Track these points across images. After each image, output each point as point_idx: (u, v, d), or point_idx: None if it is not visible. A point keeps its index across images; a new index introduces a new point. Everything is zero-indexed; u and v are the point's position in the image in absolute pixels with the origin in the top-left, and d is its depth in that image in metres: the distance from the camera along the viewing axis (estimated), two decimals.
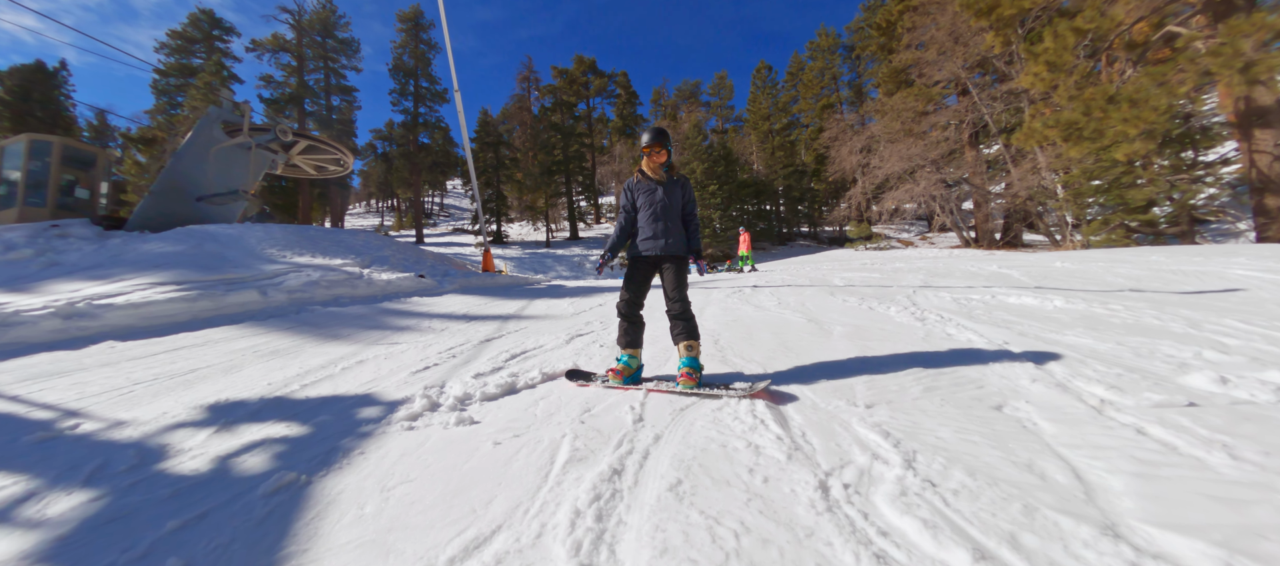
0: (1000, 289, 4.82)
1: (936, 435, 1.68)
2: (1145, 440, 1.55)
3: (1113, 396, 1.87)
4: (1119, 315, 3.28)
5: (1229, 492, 1.24)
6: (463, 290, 8.09)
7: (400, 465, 1.75)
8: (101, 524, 1.53)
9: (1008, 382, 2.11)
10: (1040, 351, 2.60)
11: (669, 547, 1.16)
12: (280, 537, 1.37)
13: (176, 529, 1.46)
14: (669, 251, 2.54)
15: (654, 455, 1.70)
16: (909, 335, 3.13)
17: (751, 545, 1.16)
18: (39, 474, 1.89)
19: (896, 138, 24.18)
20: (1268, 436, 1.52)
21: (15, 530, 1.52)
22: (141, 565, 1.30)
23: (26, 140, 10.44)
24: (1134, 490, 1.27)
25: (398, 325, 4.95)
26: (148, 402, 2.69)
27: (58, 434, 2.31)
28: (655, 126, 2.63)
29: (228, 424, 2.35)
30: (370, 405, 2.51)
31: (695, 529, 1.23)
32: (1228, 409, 1.75)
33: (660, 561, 1.12)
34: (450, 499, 1.49)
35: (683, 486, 1.46)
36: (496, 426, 2.07)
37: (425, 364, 3.36)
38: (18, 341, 3.67)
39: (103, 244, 7.63)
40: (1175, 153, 17.46)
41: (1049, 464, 1.44)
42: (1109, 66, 15.61)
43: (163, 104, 32.85)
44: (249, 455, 1.98)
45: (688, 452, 1.69)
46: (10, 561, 1.36)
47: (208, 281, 5.31)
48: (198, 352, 3.71)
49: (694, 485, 1.46)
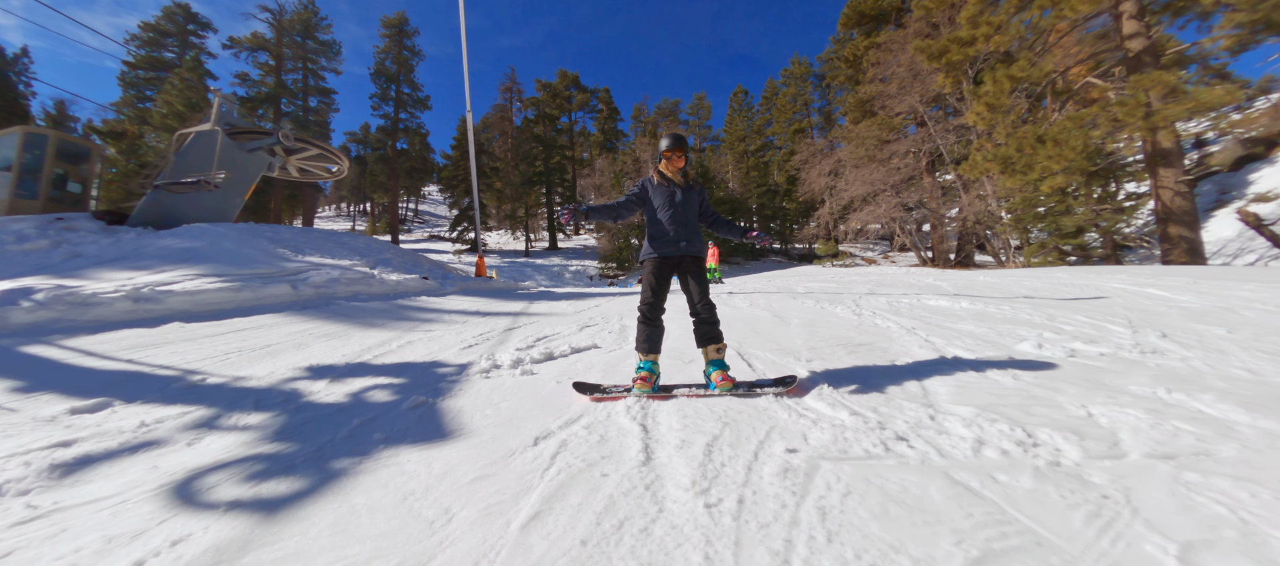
0: (927, 296, 5.91)
1: (844, 370, 2.60)
2: (966, 369, 2.51)
3: (964, 354, 2.84)
4: (1004, 311, 4.34)
5: (1003, 394, 2.18)
6: (463, 292, 8.74)
7: (495, 394, 2.55)
8: (296, 426, 2.26)
9: (902, 348, 3.08)
10: (934, 334, 3.59)
11: (687, 419, 2.01)
12: (439, 424, 2.15)
13: (358, 424, 2.22)
14: (690, 252, 2.57)
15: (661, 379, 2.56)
16: (847, 325, 4.09)
17: (734, 408, 2.02)
18: (212, 404, 2.57)
19: (861, 163, 25.97)
20: (1042, 371, 2.49)
21: (228, 432, 2.21)
22: (351, 440, 2.05)
23: (21, 131, 10.54)
24: (934, 384, 2.21)
25: (421, 318, 5.64)
26: (251, 365, 3.36)
27: (195, 384, 2.96)
28: (675, 132, 2.75)
29: (333, 378, 3.06)
30: (442, 367, 3.27)
31: (696, 411, 2.09)
32: (1030, 359, 2.73)
33: (679, 425, 1.97)
34: (541, 406, 2.30)
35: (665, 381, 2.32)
36: (551, 376, 2.89)
37: (466, 344, 4.11)
38: (98, 319, 4.23)
39: (116, 238, 7.97)
40: (1102, 186, 19.61)
41: (911, 384, 2.37)
42: (1053, 108, 17.53)
43: (130, 97, 31.94)
44: (370, 393, 2.73)
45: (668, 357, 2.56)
46: (246, 442, 2.07)
47: (245, 275, 5.87)
48: (262, 333, 4.34)
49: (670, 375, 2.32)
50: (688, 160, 2.66)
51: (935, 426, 1.85)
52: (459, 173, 39.12)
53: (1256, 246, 19.31)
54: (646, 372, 2.43)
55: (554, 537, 1.21)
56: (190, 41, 34.17)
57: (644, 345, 2.50)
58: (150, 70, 32.61)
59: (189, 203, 10.14)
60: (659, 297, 2.54)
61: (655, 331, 2.51)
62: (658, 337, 2.51)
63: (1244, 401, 2.05)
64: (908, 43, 22.32)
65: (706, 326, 2.50)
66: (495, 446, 1.86)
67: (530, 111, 42.15)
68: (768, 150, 41.14)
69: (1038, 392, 2.21)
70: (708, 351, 2.48)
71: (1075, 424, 1.85)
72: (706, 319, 2.50)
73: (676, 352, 3.35)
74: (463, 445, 1.89)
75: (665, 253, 2.57)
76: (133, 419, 2.27)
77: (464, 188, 37.20)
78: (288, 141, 11.17)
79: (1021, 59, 14.55)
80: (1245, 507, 1.28)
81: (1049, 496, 1.34)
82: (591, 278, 29.48)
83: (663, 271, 2.57)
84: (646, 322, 2.51)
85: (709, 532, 1.21)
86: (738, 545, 1.15)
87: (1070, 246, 18.09)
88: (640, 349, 2.51)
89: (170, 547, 1.26)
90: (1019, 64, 14.36)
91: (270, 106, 34.24)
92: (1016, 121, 15.04)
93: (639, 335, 2.52)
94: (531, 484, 1.52)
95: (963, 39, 16.04)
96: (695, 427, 1.93)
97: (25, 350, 3.37)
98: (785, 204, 36.98)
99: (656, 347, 2.51)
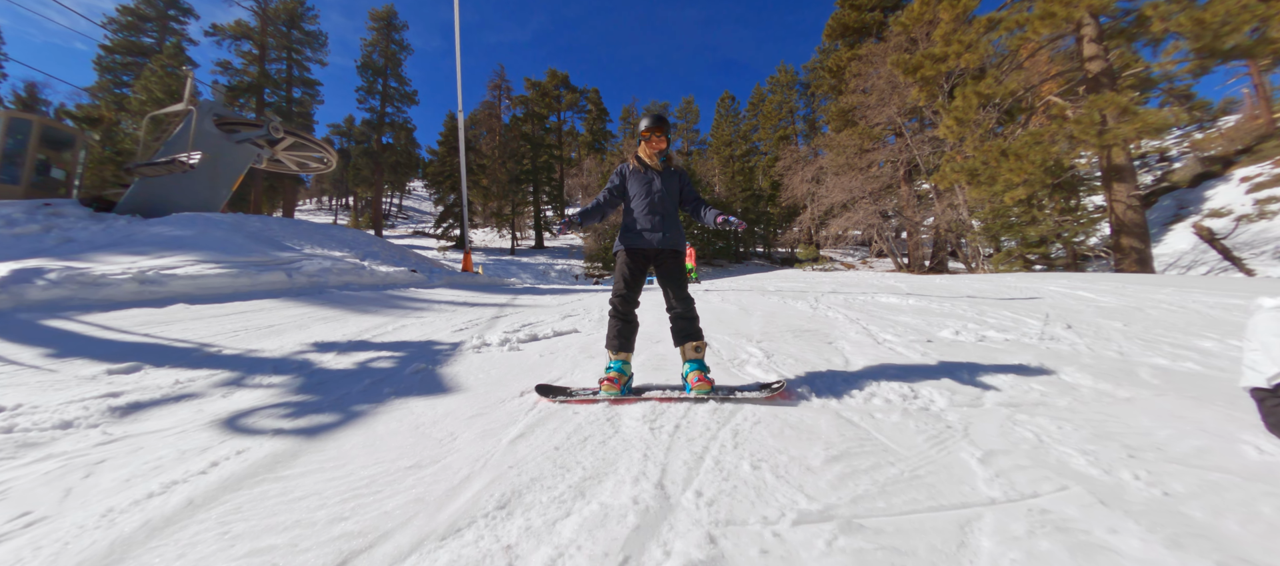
0: (882, 294, 6.45)
1: (787, 350, 3.06)
2: (888, 350, 2.98)
3: (892, 337, 3.32)
4: (943, 307, 4.87)
5: (909, 365, 2.65)
6: (450, 286, 9.05)
7: (485, 364, 2.94)
8: (315, 384, 2.62)
9: (840, 332, 3.56)
10: (872, 322, 4.08)
11: (650, 364, 2.43)
12: (440, 383, 2.54)
13: (369, 383, 2.59)
14: (667, 245, 2.40)
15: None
16: (801, 316, 4.57)
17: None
18: (234, 369, 2.91)
19: (842, 171, 26.79)
20: (950, 349, 2.98)
21: (255, 388, 2.57)
22: (365, 393, 2.43)
23: (4, 117, 10.51)
24: (857, 359, 2.68)
25: (412, 306, 5.97)
26: (260, 341, 3.69)
27: (213, 353, 3.29)
28: (655, 112, 2.52)
29: (339, 352, 3.41)
30: (437, 345, 3.63)
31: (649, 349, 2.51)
32: (945, 343, 3.22)
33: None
34: (526, 373, 2.71)
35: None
36: (536, 352, 3.29)
37: (457, 328, 4.48)
38: (108, 299, 4.48)
39: (106, 224, 8.10)
40: (1066, 199, 20.65)
41: (837, 357, 2.83)
42: (1021, 124, 18.43)
43: (107, 82, 31.24)
44: (375, 362, 3.09)
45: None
46: (274, 395, 2.43)
47: (242, 262, 6.12)
48: (264, 315, 4.64)
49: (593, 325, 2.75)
50: (669, 142, 2.46)
51: (844, 385, 2.30)
52: (445, 169, 39.06)
53: (1208, 259, 20.53)
54: (616, 373, 2.27)
55: (534, 446, 1.62)
56: (170, 27, 33.53)
57: (614, 342, 2.34)
58: (128, 55, 31.91)
59: (177, 191, 10.24)
60: (632, 291, 2.39)
61: (627, 327, 2.36)
62: (630, 334, 2.36)
63: (1098, 373, 2.55)
64: (887, 56, 23.21)
65: (685, 322, 2.36)
66: (487, 397, 2.26)
67: (519, 110, 42.29)
68: (753, 155, 41.97)
69: (937, 365, 2.69)
70: (686, 349, 2.34)
71: (955, 385, 2.32)
72: (684, 314, 2.36)
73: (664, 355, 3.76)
74: (461, 396, 2.29)
75: (639, 245, 2.40)
76: (167, 379, 2.60)
77: (450, 184, 37.19)
78: (277, 134, 11.32)
79: (988, 76, 15.40)
80: (1047, 433, 1.75)
81: (908, 427, 1.80)
82: (577, 276, 29.80)
83: (637, 263, 2.41)
84: (618, 317, 2.36)
85: (649, 444, 1.63)
86: (669, 451, 1.58)
87: (1035, 256, 19.09)
88: (610, 346, 2.35)
89: (236, 455, 1.64)
90: (986, 81, 15.19)
91: (253, 96, 33.82)
92: (985, 135, 15.87)
93: (609, 330, 2.37)
94: (517, 419, 1.93)
95: (936, 55, 16.83)
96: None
97: (46, 323, 3.64)
98: (769, 209, 37.83)
99: (629, 345, 2.35)
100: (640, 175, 2.46)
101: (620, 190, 2.50)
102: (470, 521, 1.20)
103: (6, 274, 4.20)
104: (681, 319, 2.36)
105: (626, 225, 2.46)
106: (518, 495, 1.33)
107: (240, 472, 1.51)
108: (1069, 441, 1.66)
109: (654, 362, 2.90)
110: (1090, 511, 1.24)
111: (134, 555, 1.10)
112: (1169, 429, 1.77)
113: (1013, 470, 1.46)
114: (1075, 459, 1.53)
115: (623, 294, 2.38)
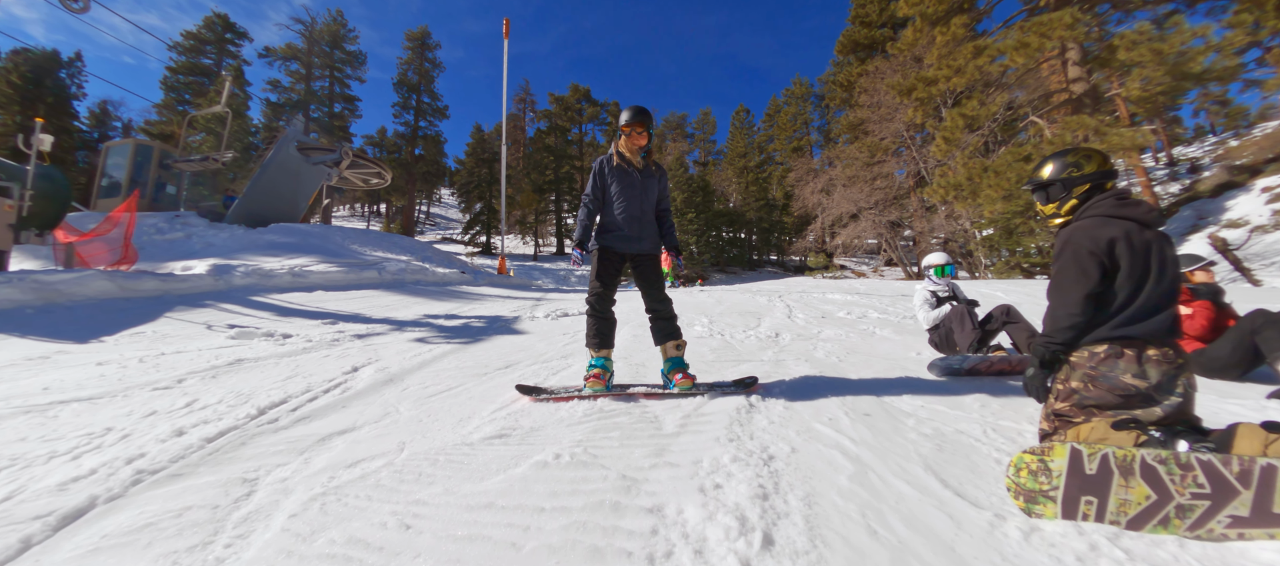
0: (832, 293, 8.10)
1: (732, 330, 4.82)
2: (785, 320, 4.69)
3: (799, 315, 5.05)
4: (868, 301, 6.52)
5: (789, 323, 4.37)
6: (491, 284, 11.00)
7: (537, 327, 4.80)
8: (445, 333, 4.49)
9: (770, 312, 5.29)
10: (798, 308, 5.75)
11: (636, 335, 4.22)
12: (516, 330, 4.40)
13: (477, 330, 4.45)
14: (644, 250, 2.44)
15: None
16: (755, 305, 6.28)
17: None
18: (387, 326, 4.81)
19: (851, 182, 28.11)
20: (826, 323, 4.68)
21: (411, 331, 4.45)
22: (475, 335, 4.27)
23: (132, 144, 12.99)
24: (765, 325, 4.42)
25: (472, 297, 7.88)
26: (390, 312, 5.60)
27: (370, 317, 5.20)
28: (637, 105, 2.41)
29: (445, 318, 5.29)
30: (502, 319, 5.48)
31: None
32: (833, 319, 4.92)
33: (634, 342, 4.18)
34: (563, 333, 4.54)
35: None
36: (568, 324, 5.13)
37: (511, 309, 6.34)
38: (276, 285, 6.48)
39: (228, 233, 10.30)
40: None
41: (757, 323, 4.57)
42: (1008, 143, 19.60)
43: (171, 100, 34.62)
44: (471, 324, 4.95)
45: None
46: (424, 336, 4.29)
47: (348, 263, 8.15)
48: (377, 299, 6.58)
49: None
50: (650, 138, 2.42)
51: (743, 333, 4.05)
52: (473, 179, 41.66)
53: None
54: (599, 369, 2.32)
55: (578, 348, 3.45)
56: (228, 49, 36.94)
57: (594, 340, 2.38)
58: (190, 75, 35.29)
59: (270, 205, 12.51)
60: (608, 288, 2.42)
61: (606, 325, 2.40)
62: (609, 331, 2.40)
63: (897, 328, 4.23)
64: (890, 75, 24.61)
65: (664, 322, 2.41)
66: (545, 337, 4.11)
67: (542, 123, 44.73)
68: (768, 165, 43.49)
69: (790, 327, 4.40)
70: (666, 348, 2.39)
71: (792, 326, 4.04)
72: (663, 314, 2.40)
73: None
74: (530, 337, 4.15)
75: (619, 246, 2.44)
76: (355, 328, 4.51)
77: (478, 193, 39.69)
78: (345, 158, 13.53)
79: (973, 99, 16.81)
80: (834, 339, 3.47)
81: (750, 341, 3.55)
82: (576, 262, 31.63)
83: (614, 261, 2.45)
84: (596, 315, 2.39)
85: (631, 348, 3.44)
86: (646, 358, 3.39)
87: (1029, 263, 20.24)
88: (591, 344, 2.39)
89: (427, 347, 3.50)
90: (970, 104, 16.59)
91: (299, 112, 37.01)
92: (972, 153, 17.23)
93: (588, 329, 2.39)
94: (561, 341, 3.76)
95: (928, 78, 18.27)
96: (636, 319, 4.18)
97: (254, 299, 5.63)
98: (783, 218, 39.29)
99: (609, 342, 2.39)
100: (623, 174, 2.43)
101: (602, 189, 2.46)
102: (554, 358, 3.03)
103: (211, 268, 6.24)
104: (661, 318, 2.42)
105: (606, 224, 2.46)
106: (570, 355, 3.15)
107: (442, 352, 3.37)
108: (827, 347, 3.40)
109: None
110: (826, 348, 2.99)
111: (428, 367, 2.95)
112: (886, 347, 3.49)
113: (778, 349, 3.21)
114: (822, 348, 3.26)
115: (599, 293, 2.41)
